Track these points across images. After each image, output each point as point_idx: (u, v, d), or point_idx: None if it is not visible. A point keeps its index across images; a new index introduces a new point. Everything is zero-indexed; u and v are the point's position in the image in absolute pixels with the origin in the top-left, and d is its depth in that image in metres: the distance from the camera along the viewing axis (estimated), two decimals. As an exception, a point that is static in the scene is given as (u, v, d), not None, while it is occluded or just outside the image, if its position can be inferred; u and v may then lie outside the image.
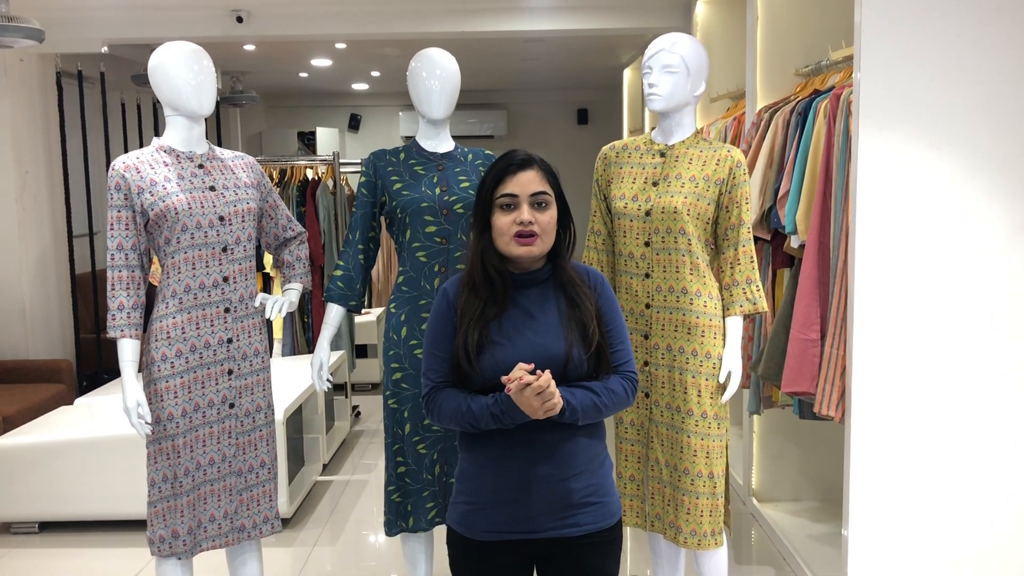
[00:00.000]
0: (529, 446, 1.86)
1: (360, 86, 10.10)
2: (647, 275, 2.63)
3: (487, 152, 2.93)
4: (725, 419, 2.62)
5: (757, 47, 4.10)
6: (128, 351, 2.49)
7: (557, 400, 1.77)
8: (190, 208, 2.51)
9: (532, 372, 1.77)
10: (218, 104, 8.82)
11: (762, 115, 3.87)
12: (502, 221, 1.88)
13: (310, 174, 5.87)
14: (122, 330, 2.48)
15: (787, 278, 3.62)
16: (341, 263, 2.84)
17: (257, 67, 8.37)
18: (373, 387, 6.79)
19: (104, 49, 5.71)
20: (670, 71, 2.58)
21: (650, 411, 2.66)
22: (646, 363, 2.66)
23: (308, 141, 10.52)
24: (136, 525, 3.97)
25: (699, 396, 2.57)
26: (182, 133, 2.60)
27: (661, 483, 2.66)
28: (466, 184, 2.80)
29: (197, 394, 2.55)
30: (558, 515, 1.87)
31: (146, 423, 2.48)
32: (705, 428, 2.57)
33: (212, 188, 2.58)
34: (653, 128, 2.75)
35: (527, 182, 1.89)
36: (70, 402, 5.08)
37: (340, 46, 7.13)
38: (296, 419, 4.60)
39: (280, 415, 4.02)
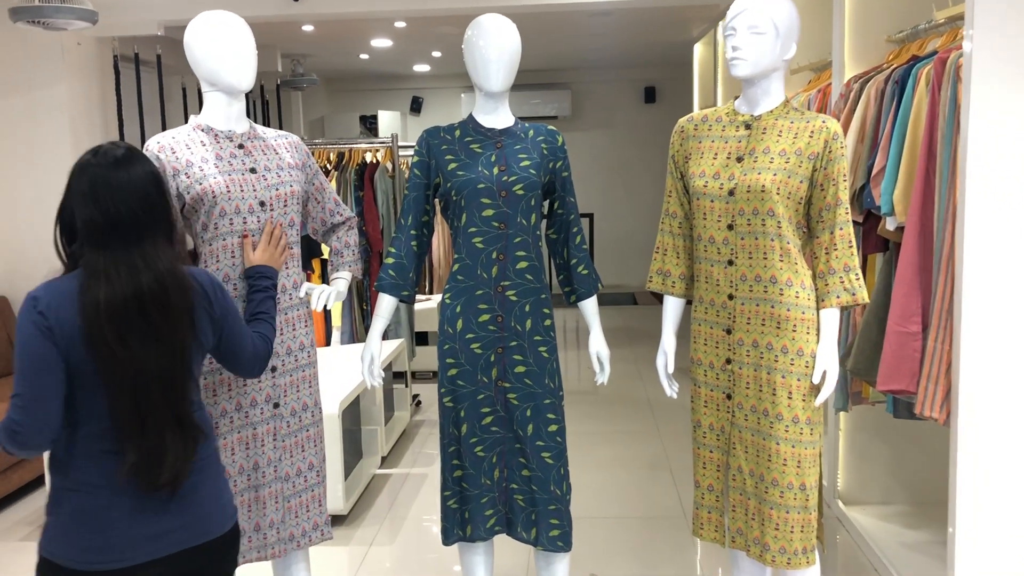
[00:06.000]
0: (110, 471, 1.71)
1: (421, 68, 9.91)
2: (730, 262, 2.36)
3: (549, 128, 2.68)
4: (818, 424, 2.34)
5: (845, 12, 3.76)
6: None
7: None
8: (228, 191, 2.32)
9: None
10: (279, 87, 8.74)
11: (851, 85, 3.54)
12: None
13: (369, 157, 5.69)
14: None
15: (879, 264, 3.30)
16: (393, 250, 2.63)
17: (317, 49, 8.23)
18: (434, 375, 6.60)
19: (160, 32, 5.60)
20: (757, 32, 2.29)
21: (732, 414, 2.40)
22: (728, 361, 2.39)
23: (370, 125, 10.39)
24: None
25: (790, 398, 2.29)
26: (221, 110, 2.41)
27: (744, 495, 2.39)
28: (527, 163, 2.56)
29: (239, 392, 2.37)
30: (142, 542, 1.73)
31: None
32: (796, 434, 2.29)
33: (253, 170, 2.38)
34: (736, 98, 2.47)
35: None
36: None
37: (400, 25, 6.94)
38: (353, 410, 4.44)
39: (336, 407, 3.85)
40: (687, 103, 8.66)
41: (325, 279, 5.45)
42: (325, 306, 2.49)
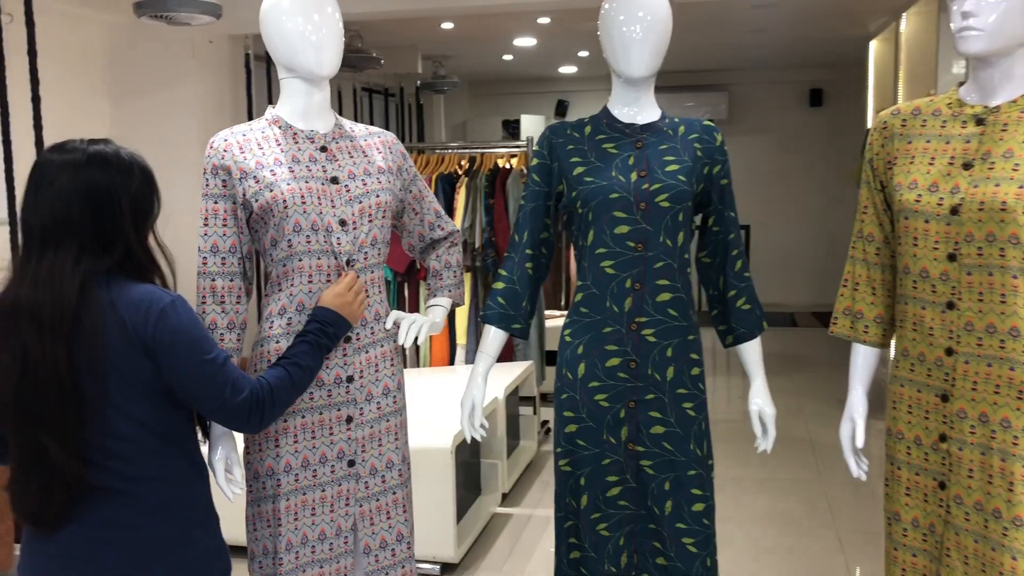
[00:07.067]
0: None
1: (567, 69, 9.46)
2: (951, 305, 1.74)
3: (706, 123, 2.13)
4: (1074, 533, 1.69)
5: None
6: None
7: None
8: (303, 203, 1.90)
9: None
10: (418, 90, 8.48)
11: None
12: None
13: (502, 162, 5.26)
14: None
15: None
16: (504, 273, 2.14)
17: (458, 50, 7.92)
18: (568, 398, 6.09)
19: (293, 29, 5.37)
20: (999, -9, 1.67)
21: (947, 510, 1.77)
22: (943, 438, 1.76)
23: (512, 130, 10.03)
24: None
25: (1035, 498, 1.65)
26: (299, 101, 1.99)
27: (962, 619, 1.76)
28: (675, 167, 2.02)
29: (306, 446, 1.94)
30: None
31: (237, 483, 1.90)
32: (1043, 548, 1.65)
33: (334, 180, 1.96)
34: (960, 84, 1.85)
35: None
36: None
37: (543, 21, 6.50)
38: (472, 441, 3.98)
39: (449, 441, 3.41)
40: (859, 107, 7.86)
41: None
42: (415, 341, 2.03)
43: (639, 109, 2.09)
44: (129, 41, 5.20)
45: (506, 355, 5.09)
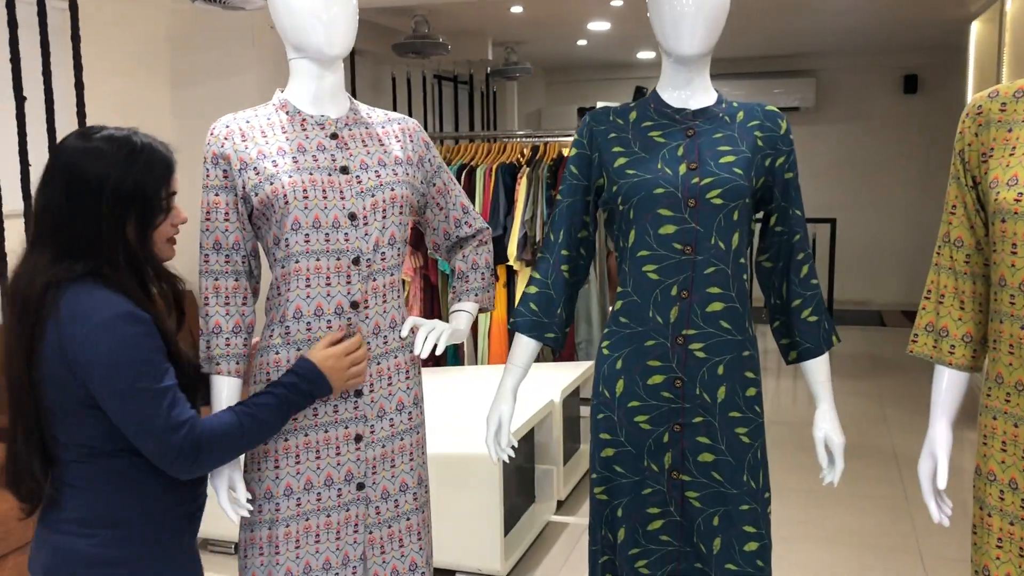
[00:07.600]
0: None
1: (646, 55, 9.14)
2: (1058, 326, 1.45)
3: (768, 108, 1.87)
4: None
5: None
6: (224, 394, 1.74)
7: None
8: (306, 196, 1.72)
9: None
10: (488, 76, 8.29)
11: None
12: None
13: (567, 152, 5.03)
14: (217, 362, 1.74)
15: None
16: (537, 276, 1.93)
17: (531, 36, 7.70)
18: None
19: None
20: None
21: (1048, 569, 1.49)
22: (1045, 484, 1.48)
23: (588, 117, 9.78)
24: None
25: None
26: (309, 85, 1.82)
27: None
28: (730, 159, 1.77)
29: (309, 467, 1.76)
30: None
31: (242, 504, 1.74)
32: None
33: (344, 170, 1.77)
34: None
35: None
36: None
37: (616, 4, 6.23)
38: (526, 445, 3.79)
39: (499, 447, 3.21)
40: (958, 94, 7.36)
41: (512, 290, 4.85)
42: (433, 351, 1.83)
43: (691, 92, 1.84)
44: (190, 27, 5.15)
45: (568, 354, 4.87)
